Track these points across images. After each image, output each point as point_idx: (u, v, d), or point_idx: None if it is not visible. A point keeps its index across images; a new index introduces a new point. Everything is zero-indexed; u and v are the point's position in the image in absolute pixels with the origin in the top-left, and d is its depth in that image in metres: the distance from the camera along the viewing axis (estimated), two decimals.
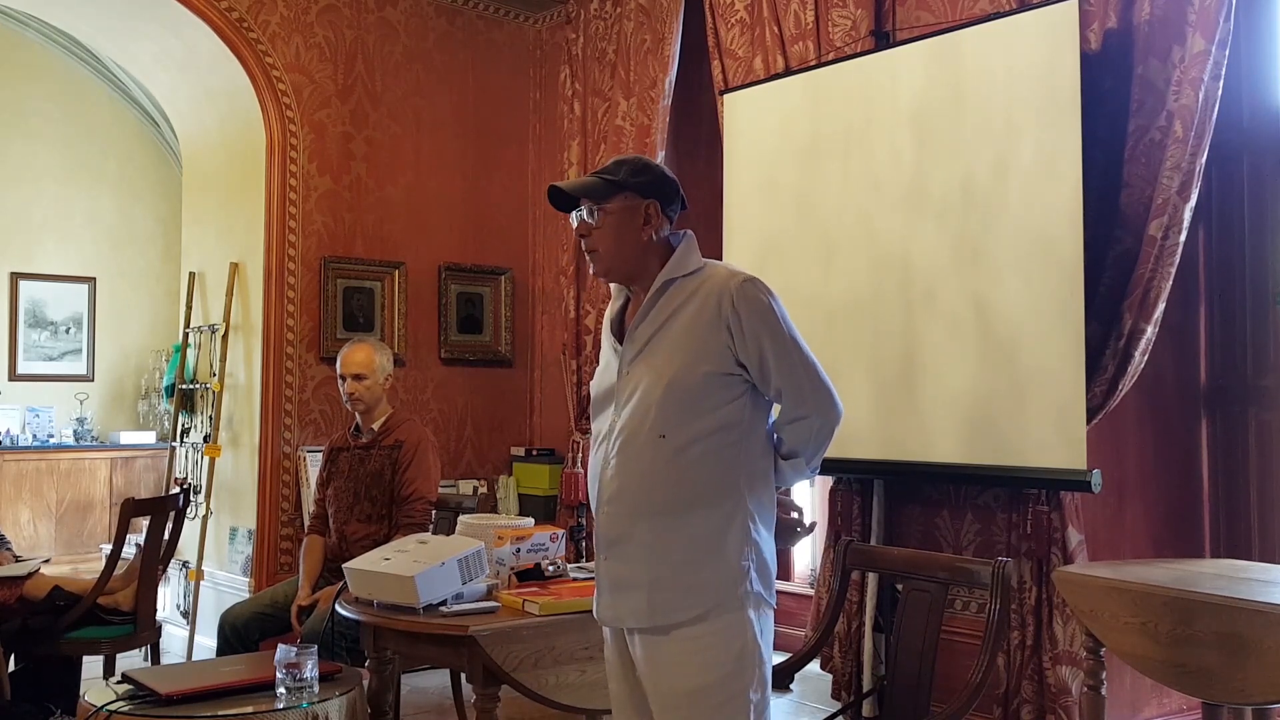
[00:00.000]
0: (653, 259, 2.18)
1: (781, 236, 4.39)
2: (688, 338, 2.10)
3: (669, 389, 2.08)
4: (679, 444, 2.07)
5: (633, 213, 2.16)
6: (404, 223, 5.67)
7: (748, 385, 2.12)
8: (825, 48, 4.43)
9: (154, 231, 8.33)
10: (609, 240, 2.16)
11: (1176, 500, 4.05)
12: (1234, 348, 4.03)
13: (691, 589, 2.07)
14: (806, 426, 2.14)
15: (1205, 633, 2.67)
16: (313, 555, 3.92)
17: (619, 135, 5.33)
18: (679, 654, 2.08)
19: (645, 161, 2.21)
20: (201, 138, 5.84)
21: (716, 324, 2.09)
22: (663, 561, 2.09)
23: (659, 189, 2.18)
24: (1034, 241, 3.58)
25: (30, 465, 7.39)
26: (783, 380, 2.10)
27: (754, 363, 2.09)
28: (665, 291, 2.15)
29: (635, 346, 2.16)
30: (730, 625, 2.08)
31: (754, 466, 2.14)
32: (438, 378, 5.80)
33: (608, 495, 2.15)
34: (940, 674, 2.64)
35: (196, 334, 5.73)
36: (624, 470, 2.12)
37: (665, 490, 2.08)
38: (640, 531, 2.10)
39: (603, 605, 2.20)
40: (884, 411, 3.98)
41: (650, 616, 2.09)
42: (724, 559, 2.08)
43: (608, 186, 2.16)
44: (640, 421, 2.10)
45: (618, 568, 2.14)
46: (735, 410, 2.11)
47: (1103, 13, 3.62)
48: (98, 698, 2.74)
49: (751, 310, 2.09)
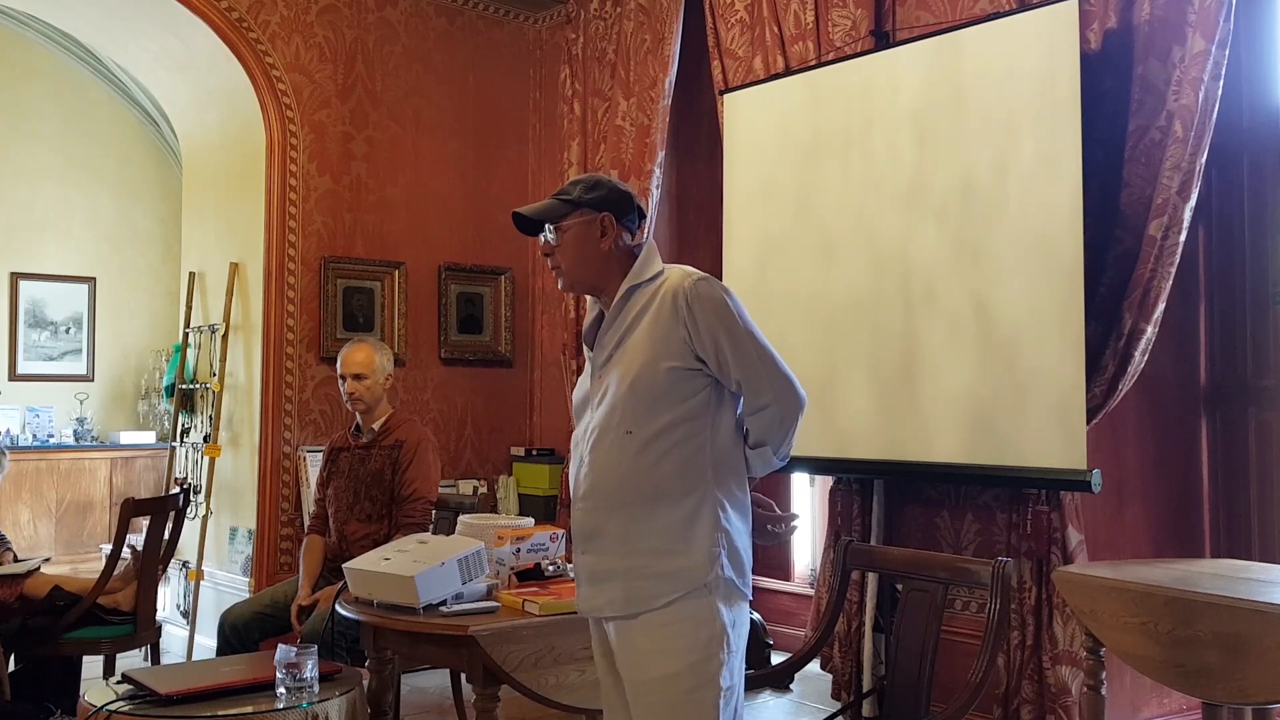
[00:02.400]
0: (615, 269, 2.29)
1: (781, 236, 4.39)
2: (649, 337, 2.20)
3: (633, 386, 2.18)
4: (645, 438, 2.16)
5: (589, 227, 2.28)
6: (404, 223, 5.67)
7: (709, 379, 2.20)
8: (825, 48, 4.43)
9: (154, 231, 8.32)
10: (570, 256, 2.28)
11: (1176, 500, 4.05)
12: (1234, 348, 4.03)
13: (663, 576, 2.15)
14: (769, 416, 2.20)
15: (1205, 632, 2.67)
16: (313, 555, 3.91)
17: (619, 135, 5.33)
18: (650, 640, 2.15)
19: (598, 178, 2.34)
20: (201, 138, 5.84)
21: (674, 322, 2.18)
22: (635, 551, 2.17)
23: (612, 202, 2.29)
24: (1034, 241, 3.58)
25: (30, 465, 7.38)
26: (741, 371, 2.18)
27: (711, 356, 2.17)
28: (629, 298, 2.26)
29: (605, 352, 2.27)
30: (699, 611, 2.14)
31: (721, 457, 2.21)
32: (438, 378, 5.80)
33: (582, 491, 2.25)
34: (940, 674, 2.64)
35: (196, 334, 5.73)
36: (595, 467, 2.22)
37: (634, 483, 2.17)
38: (613, 524, 2.19)
39: (582, 597, 2.29)
40: (884, 411, 3.97)
41: (625, 605, 2.17)
42: (694, 546, 2.16)
43: (563, 206, 2.28)
44: (609, 420, 2.21)
45: (594, 560, 2.23)
46: (698, 403, 2.19)
47: (1103, 13, 3.62)
48: (98, 698, 2.74)
49: (704, 305, 2.17)
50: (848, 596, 4.04)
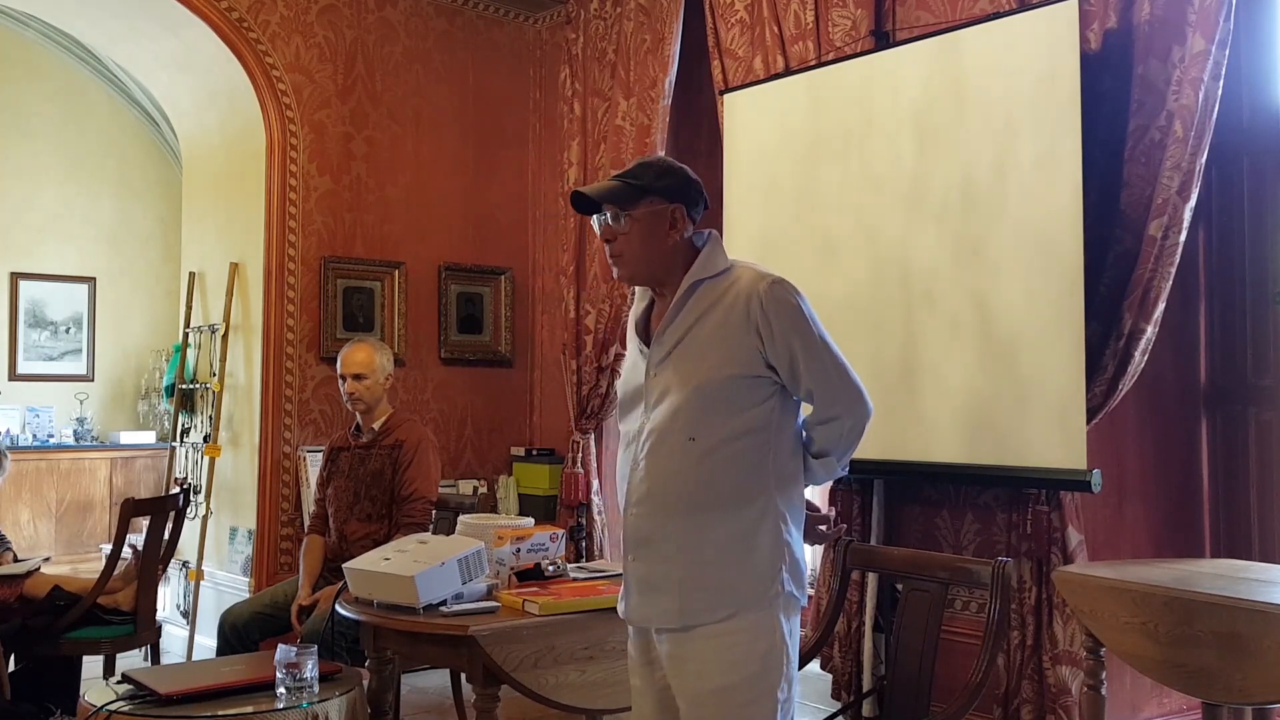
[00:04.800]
0: (678, 261, 2.18)
1: (781, 236, 4.39)
2: (716, 340, 2.11)
3: (697, 391, 2.09)
4: (708, 446, 2.08)
5: (659, 217, 2.15)
6: (404, 223, 5.67)
7: (776, 387, 2.13)
8: (825, 48, 4.43)
9: (154, 231, 8.32)
10: (635, 246, 2.16)
11: (1176, 500, 4.05)
12: (1234, 348, 4.03)
13: (722, 589, 2.08)
14: (838, 427, 2.15)
15: (1205, 633, 2.67)
16: (313, 555, 3.92)
17: (619, 135, 5.33)
18: (707, 652, 2.08)
19: (669, 164, 2.21)
20: (201, 138, 5.84)
21: (745, 327, 2.09)
22: (692, 562, 2.10)
23: (684, 192, 2.17)
24: (1034, 241, 3.58)
25: (30, 465, 7.38)
26: (813, 381, 2.11)
27: (784, 365, 2.10)
28: (693, 293, 2.15)
29: (663, 349, 2.16)
30: (758, 624, 2.09)
31: (783, 467, 2.14)
32: (438, 378, 5.80)
33: (636, 497, 2.15)
34: (940, 674, 2.64)
35: (196, 334, 5.73)
36: (653, 472, 2.12)
37: (694, 491, 2.09)
38: (670, 532, 2.11)
39: (631, 606, 2.20)
40: (884, 411, 3.92)
41: (681, 617, 2.10)
42: (755, 559, 2.09)
43: (633, 191, 2.14)
44: (669, 424, 2.11)
45: (646, 568, 2.15)
46: (764, 412, 2.11)
47: (1103, 13, 3.62)
48: (98, 698, 2.74)
49: (781, 312, 2.09)
50: (848, 596, 4.04)
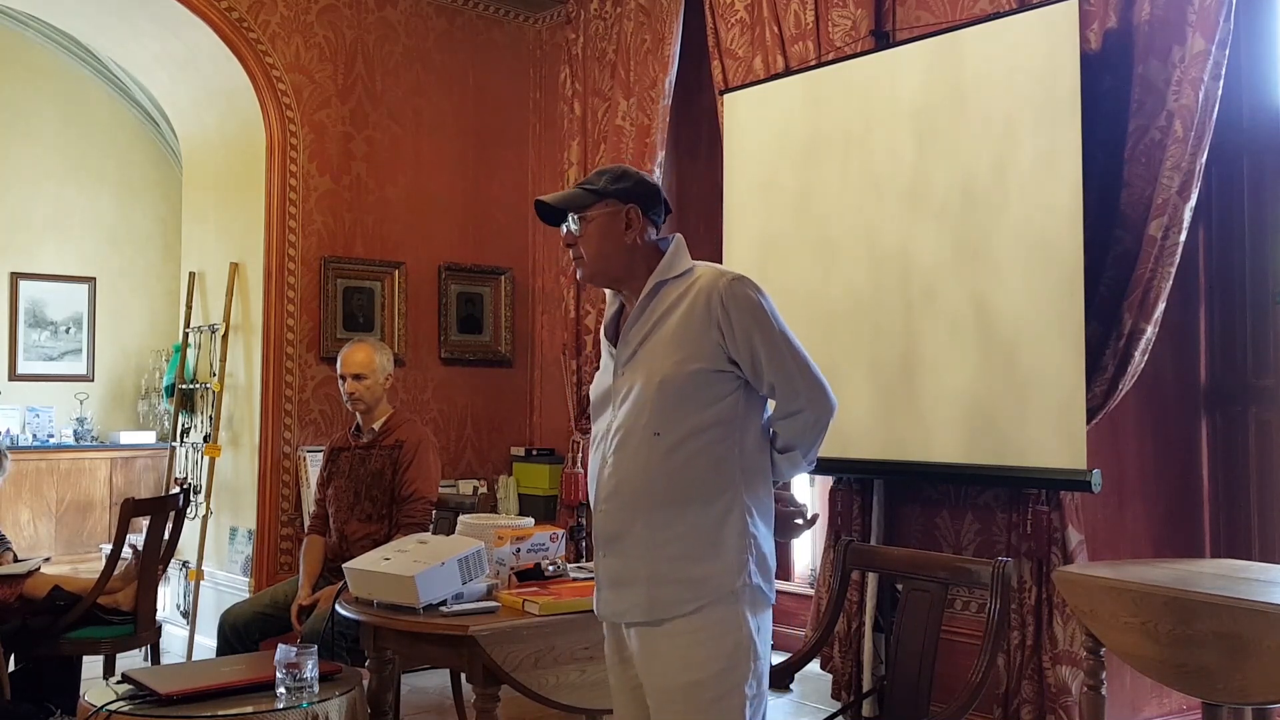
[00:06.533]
0: (640, 263, 2.23)
1: (781, 236, 4.39)
2: (679, 337, 2.14)
3: (662, 387, 2.12)
4: (673, 441, 2.11)
5: (613, 218, 2.22)
6: (404, 223, 5.67)
7: (740, 381, 2.16)
8: (825, 48, 4.43)
9: (154, 231, 8.32)
10: (592, 247, 2.23)
11: (1176, 500, 4.05)
12: (1234, 348, 4.03)
13: (690, 583, 2.11)
14: (801, 421, 2.17)
15: (1205, 633, 2.67)
16: (313, 555, 3.92)
17: (619, 135, 5.33)
18: (675, 648, 2.11)
19: (624, 169, 2.29)
20: (201, 138, 5.84)
21: (707, 322, 2.13)
22: (661, 556, 2.12)
23: (638, 194, 2.23)
24: (1034, 241, 3.58)
25: (30, 465, 7.38)
26: (775, 376, 2.14)
27: (746, 359, 2.13)
28: (656, 294, 2.20)
29: (629, 348, 2.20)
30: (725, 619, 2.10)
31: (749, 461, 2.17)
32: (438, 378, 5.80)
33: (605, 493, 2.19)
34: (940, 674, 2.64)
35: (196, 334, 5.73)
36: (620, 468, 2.16)
37: (661, 486, 2.12)
38: (638, 527, 2.14)
39: (602, 601, 2.24)
40: (884, 411, 3.98)
41: (649, 611, 2.13)
42: (722, 553, 2.12)
43: (588, 195, 2.23)
44: (635, 420, 2.14)
45: (616, 564, 2.18)
46: (728, 406, 2.14)
47: (1103, 13, 3.62)
48: (98, 698, 2.73)
49: (741, 308, 2.12)
50: (848, 596, 4.04)
